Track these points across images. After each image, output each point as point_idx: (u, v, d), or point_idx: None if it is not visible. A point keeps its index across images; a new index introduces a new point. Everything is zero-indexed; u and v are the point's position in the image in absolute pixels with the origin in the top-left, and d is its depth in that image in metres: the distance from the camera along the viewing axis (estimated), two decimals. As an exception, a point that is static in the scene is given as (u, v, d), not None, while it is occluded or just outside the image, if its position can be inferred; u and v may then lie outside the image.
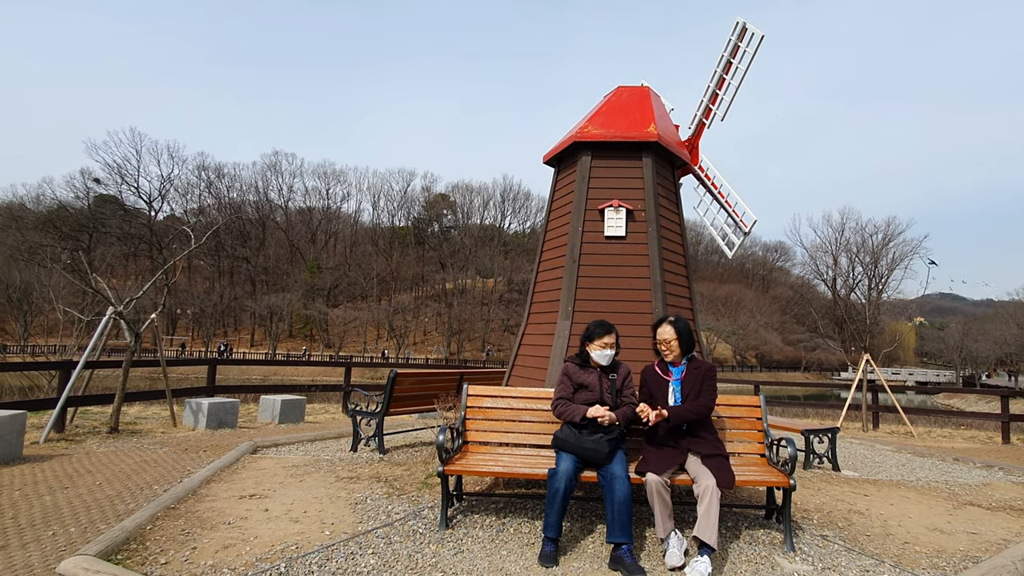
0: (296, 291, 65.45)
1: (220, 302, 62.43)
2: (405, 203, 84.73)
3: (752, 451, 4.16)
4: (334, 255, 77.78)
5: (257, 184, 76.99)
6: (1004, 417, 10.69)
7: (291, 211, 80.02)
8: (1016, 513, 4.80)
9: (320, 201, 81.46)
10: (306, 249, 76.40)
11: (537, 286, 6.72)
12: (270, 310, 61.93)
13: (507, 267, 72.76)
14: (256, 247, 72.67)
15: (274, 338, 62.61)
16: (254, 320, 65.58)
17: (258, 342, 64.61)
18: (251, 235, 74.05)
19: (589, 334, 3.88)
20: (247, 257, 71.15)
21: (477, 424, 4.26)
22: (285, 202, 79.56)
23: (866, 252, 65.76)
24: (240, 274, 71.15)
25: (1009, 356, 66.34)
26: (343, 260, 75.71)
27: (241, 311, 66.84)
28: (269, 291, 66.30)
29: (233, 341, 64.52)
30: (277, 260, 73.58)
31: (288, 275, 71.68)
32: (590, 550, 3.44)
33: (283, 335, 65.99)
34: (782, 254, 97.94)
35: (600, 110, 6.80)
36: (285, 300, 61.99)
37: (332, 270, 73.09)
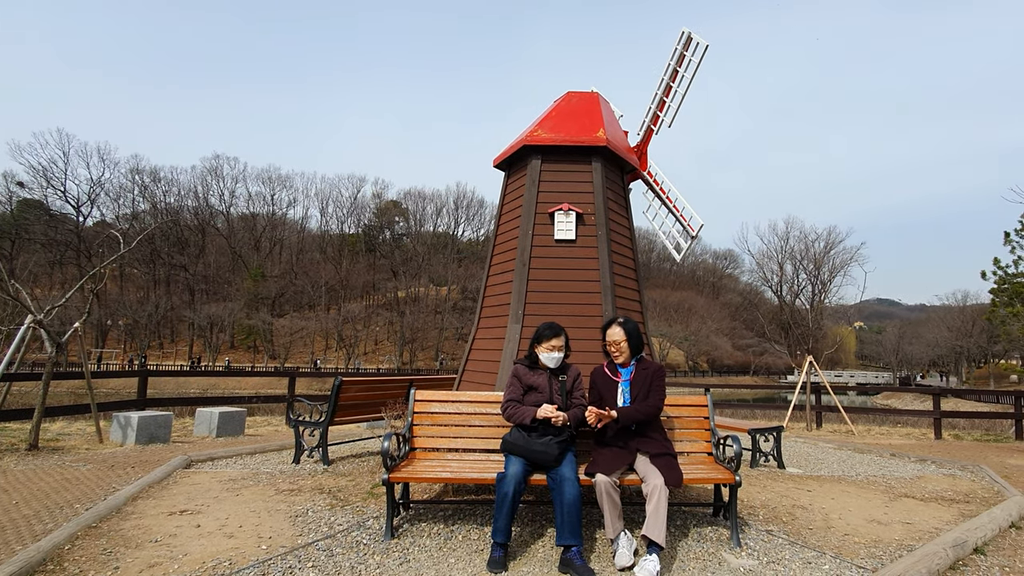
0: (238, 300, 63.09)
1: (155, 312, 59.40)
2: (355, 210, 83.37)
3: (700, 450, 4.26)
4: (279, 263, 75.53)
5: (196, 189, 74.05)
6: (936, 414, 11.41)
7: (233, 217, 77.26)
8: (947, 503, 5.09)
9: (264, 207, 79.12)
10: (249, 257, 73.88)
11: (487, 290, 6.70)
12: (210, 320, 59.40)
13: (461, 275, 72.55)
14: (195, 254, 69.69)
15: (214, 349, 60.07)
16: (192, 331, 62.76)
17: (197, 354, 61.83)
18: (189, 242, 71.00)
19: (538, 336, 3.89)
20: (185, 265, 68.11)
21: (425, 430, 4.19)
22: (227, 208, 76.79)
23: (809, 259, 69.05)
24: (177, 283, 68.02)
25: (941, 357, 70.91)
26: (289, 268, 73.60)
27: (178, 322, 63.87)
28: (209, 300, 63.61)
29: (170, 353, 61.53)
30: (218, 268, 70.77)
31: (230, 284, 69.03)
32: (540, 554, 3.43)
33: (224, 346, 63.42)
34: (731, 262, 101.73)
35: (550, 115, 6.88)
36: (226, 310, 59.63)
37: (277, 278, 70.90)
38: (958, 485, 5.89)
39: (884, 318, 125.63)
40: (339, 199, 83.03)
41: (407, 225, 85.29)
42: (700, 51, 8.67)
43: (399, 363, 61.94)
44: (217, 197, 75.97)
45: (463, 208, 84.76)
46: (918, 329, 77.46)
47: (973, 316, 58.66)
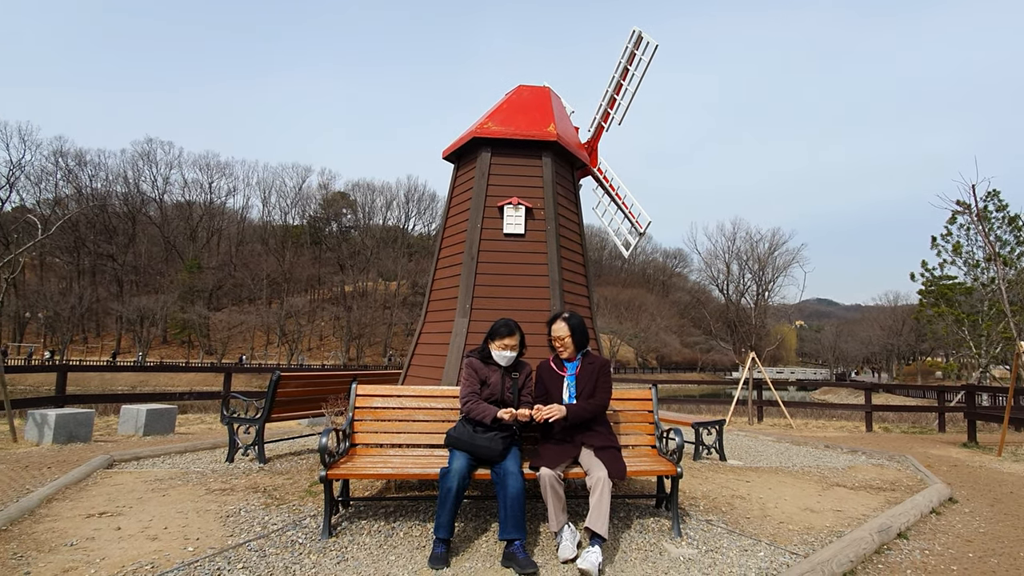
0: (172, 293, 60.21)
1: (79, 304, 55.91)
2: (300, 200, 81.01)
3: (643, 443, 4.36)
4: (217, 254, 72.56)
5: (127, 174, 70.08)
6: (867, 408, 12.11)
7: (167, 205, 73.63)
8: (874, 491, 5.40)
9: (202, 195, 75.80)
10: (184, 247, 70.63)
11: (435, 283, 6.65)
12: (140, 313, 56.40)
13: (411, 269, 71.72)
14: (124, 244, 65.98)
15: (145, 344, 57.10)
16: (120, 325, 59.48)
17: (125, 349, 58.63)
18: (118, 230, 67.15)
19: (492, 332, 3.88)
20: (113, 255, 64.42)
21: (366, 425, 4.11)
22: (160, 195, 73.13)
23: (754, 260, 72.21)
24: (104, 273, 64.32)
25: (874, 355, 75.43)
26: (228, 259, 70.81)
27: (105, 315, 60.45)
28: (139, 292, 60.45)
29: (95, 348, 58.12)
30: (149, 258, 67.34)
31: (163, 275, 65.81)
32: (484, 549, 3.43)
33: (156, 341, 60.45)
34: (681, 261, 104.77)
35: (501, 107, 6.87)
36: (158, 302, 56.77)
37: (215, 270, 68.08)
38: (885, 474, 6.26)
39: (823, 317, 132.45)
40: (283, 189, 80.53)
41: (355, 218, 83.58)
42: (650, 50, 8.89)
43: (345, 359, 60.69)
44: (149, 183, 72.30)
45: (414, 201, 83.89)
46: (854, 328, 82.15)
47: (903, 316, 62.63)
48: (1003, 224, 17.66)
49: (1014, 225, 17.42)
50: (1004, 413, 8.43)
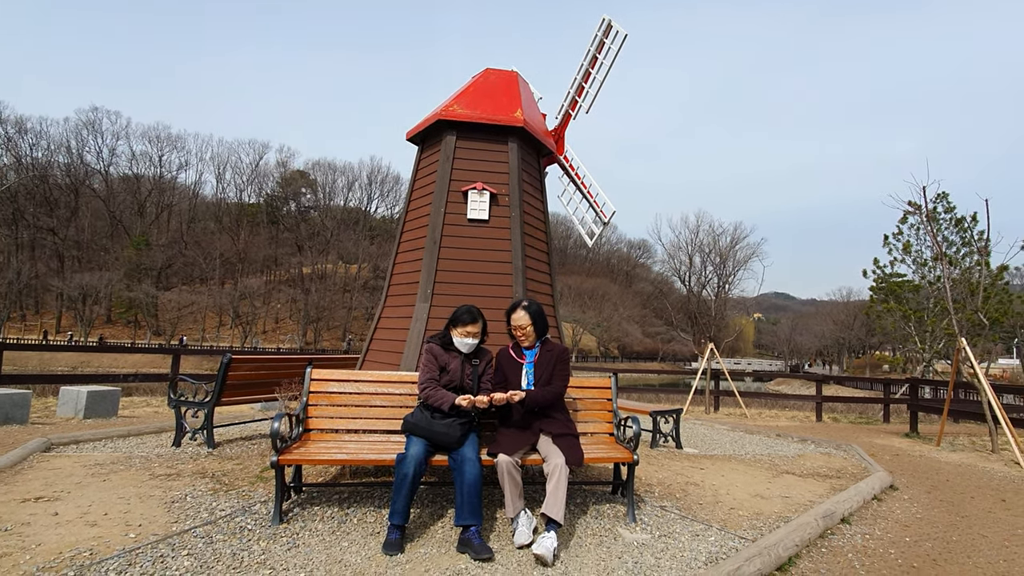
0: (117, 270, 57.78)
1: (16, 280, 53.03)
2: (256, 178, 78.56)
3: (602, 430, 4.43)
4: (167, 231, 69.94)
5: (70, 143, 66.42)
6: (818, 399, 12.63)
7: (113, 178, 70.29)
8: (821, 479, 5.65)
9: (151, 169, 72.60)
10: (131, 222, 67.74)
11: (396, 267, 6.57)
12: (83, 291, 53.95)
13: (373, 253, 70.63)
14: (66, 217, 62.76)
15: (87, 323, 54.73)
16: (61, 302, 56.81)
17: (66, 328, 56.08)
18: (60, 203, 63.77)
19: (455, 319, 3.86)
20: (54, 228, 61.23)
21: (321, 410, 4.05)
22: (105, 167, 69.69)
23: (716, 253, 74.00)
24: (44, 248, 61.12)
25: (826, 348, 78.51)
26: (178, 237, 68.34)
27: (44, 291, 57.60)
28: (82, 269, 57.72)
29: (33, 326, 55.38)
30: (93, 233, 64.28)
31: (107, 251, 63.02)
32: (439, 535, 3.44)
33: (99, 320, 58.02)
34: (645, 251, 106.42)
35: (467, 90, 6.79)
36: (102, 280, 54.40)
37: (164, 248, 65.60)
38: (832, 462, 6.55)
39: (780, 310, 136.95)
40: (238, 165, 77.96)
41: (315, 197, 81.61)
42: (619, 39, 8.94)
43: (302, 343, 59.59)
44: (94, 154, 68.75)
45: (377, 183, 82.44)
46: (808, 321, 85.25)
47: (855, 311, 65.22)
48: (950, 225, 18.54)
49: (960, 227, 18.30)
50: (943, 406, 8.91)
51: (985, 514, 4.81)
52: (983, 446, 8.52)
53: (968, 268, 17.46)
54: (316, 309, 62.15)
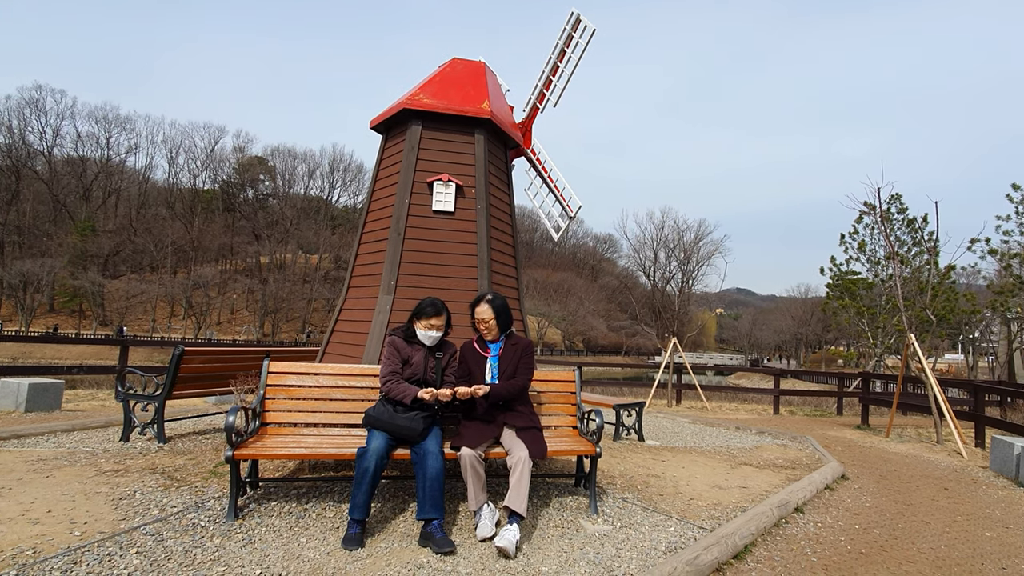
0: (61, 257, 55.23)
1: (-54, 267, 50.22)
2: (212, 163, 76.05)
3: (565, 423, 4.49)
4: (115, 217, 67.14)
5: (11, 123, 62.82)
6: (776, 392, 13.05)
7: (57, 160, 66.97)
8: (777, 469, 5.85)
9: (98, 151, 69.37)
10: (76, 207, 64.79)
11: (358, 259, 6.49)
12: (23, 278, 51.36)
13: (335, 243, 69.45)
14: (6, 200, 59.50)
15: (29, 312, 52.19)
16: (0, 290, 53.97)
17: (6, 317, 53.36)
18: (0, 185, 60.45)
19: (419, 311, 3.84)
20: (-10, 212, 58.05)
21: (279, 404, 3.99)
22: (49, 148, 66.26)
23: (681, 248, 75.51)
24: (-20, 232, 57.92)
25: (785, 343, 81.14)
26: (127, 223, 65.69)
27: (-21, 279, 54.63)
28: (23, 255, 54.95)
29: (-37, 318, 52.51)
30: (35, 218, 61.21)
31: (50, 237, 60.12)
32: (400, 529, 3.44)
33: (41, 309, 55.45)
34: (611, 246, 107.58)
35: (433, 79, 6.74)
36: (45, 267, 51.93)
37: (112, 234, 62.98)
38: (788, 454, 6.80)
39: (741, 306, 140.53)
40: (192, 149, 75.42)
41: (274, 185, 79.56)
42: (588, 34, 9.01)
43: (259, 335, 58.26)
44: (37, 135, 65.22)
45: (339, 172, 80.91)
46: (768, 317, 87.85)
47: (812, 307, 67.59)
48: (902, 225, 19.34)
49: (912, 227, 19.12)
50: (893, 399, 9.33)
51: (929, 502, 5.08)
52: (929, 437, 8.97)
53: (918, 267, 18.29)
54: (274, 300, 60.77)
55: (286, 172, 78.66)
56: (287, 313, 63.22)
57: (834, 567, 3.40)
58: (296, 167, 78.76)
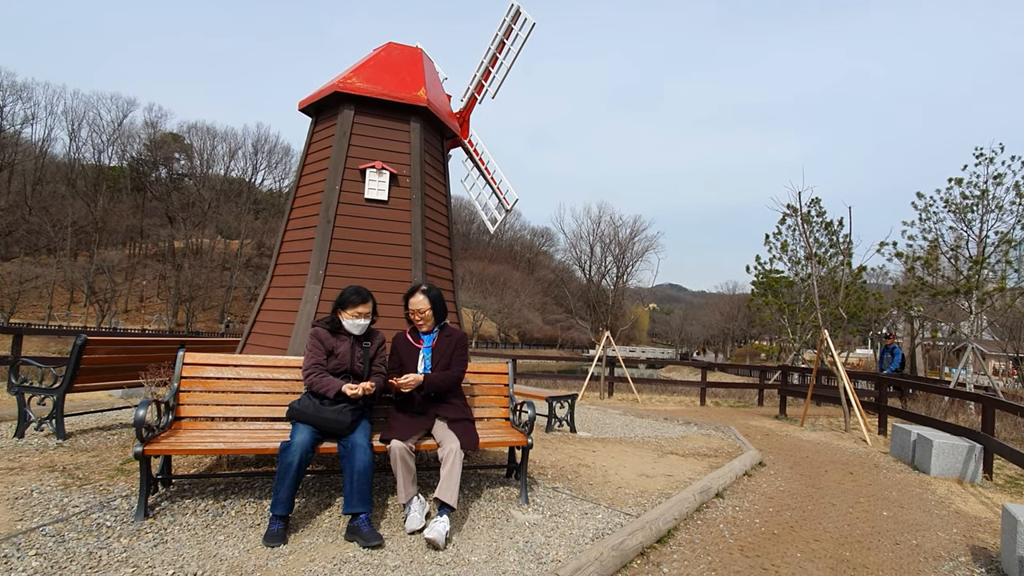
0: (-62, 236, 50.07)
1: None
2: (120, 138, 70.85)
3: (498, 415, 4.57)
4: (8, 193, 61.43)
5: None
6: (703, 384, 13.73)
7: (-64, 127, 60.52)
8: (701, 458, 6.18)
9: (-12, 120, 63.16)
10: (-42, 180, 58.85)
11: (284, 246, 6.31)
12: None
13: (258, 228, 66.56)
14: None
15: None
16: None
17: None
18: None
19: (343, 301, 3.78)
20: None
21: (195, 397, 3.83)
22: (-73, 114, 59.77)
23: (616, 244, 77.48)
24: None
25: (713, 337, 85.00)
26: (20, 200, 60.31)
27: None
28: None
29: None
30: (-94, 191, 55.14)
31: (-75, 213, 54.37)
32: (326, 524, 3.40)
33: (-87, 296, 50.10)
34: (548, 239, 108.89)
35: (367, 63, 6.61)
36: (-83, 248, 46.97)
37: (3, 212, 57.63)
38: (711, 443, 7.18)
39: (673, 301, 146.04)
40: (97, 123, 69.88)
41: (190, 164, 75.22)
42: (527, 27, 9.09)
43: (172, 324, 55.13)
44: (-88, 99, 58.69)
45: (264, 153, 77.37)
46: (698, 312, 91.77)
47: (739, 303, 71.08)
48: (821, 228, 20.73)
49: (829, 230, 20.52)
50: (808, 390, 10.03)
51: (836, 485, 5.52)
52: (839, 426, 9.71)
53: (834, 267, 19.67)
54: (189, 287, 57.61)
55: (204, 151, 74.51)
56: (204, 302, 60.11)
57: (749, 548, 3.66)
58: (216, 146, 74.74)
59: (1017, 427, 9.12)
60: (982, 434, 6.34)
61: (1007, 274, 15.53)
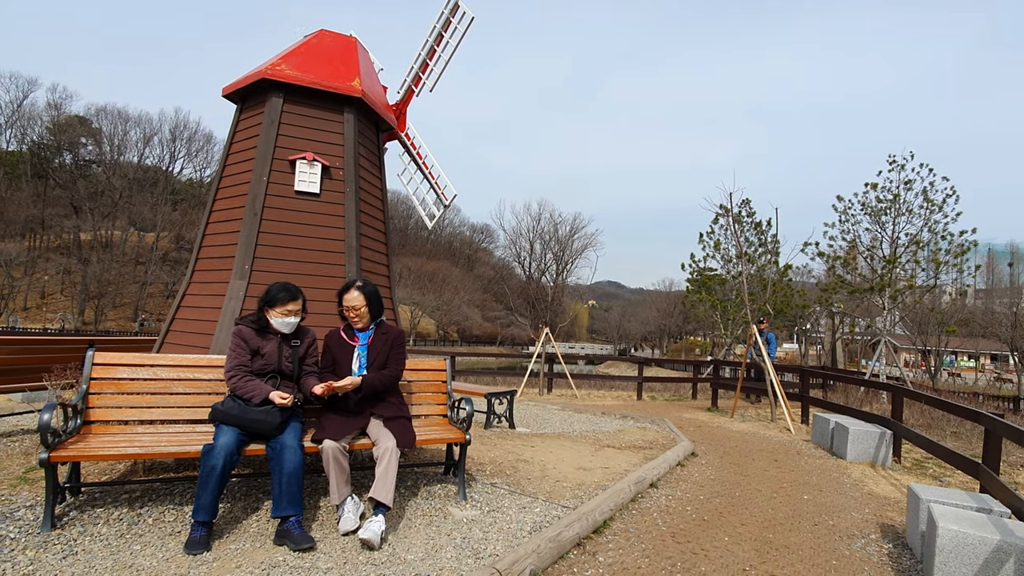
0: None
1: None
2: (19, 120, 65.58)
3: (435, 412, 4.57)
4: None
5: None
6: (640, 379, 14.17)
7: None
8: (637, 450, 6.40)
9: None
10: None
11: (207, 239, 6.07)
12: None
13: (177, 220, 63.27)
14: None
15: None
16: None
17: None
18: None
19: (270, 298, 3.67)
20: None
21: (107, 399, 3.64)
22: None
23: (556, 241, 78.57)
24: None
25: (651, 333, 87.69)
26: (-103, 186, 54.81)
27: None
28: None
29: None
30: None
31: None
32: (253, 529, 3.32)
33: None
34: (487, 236, 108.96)
35: (298, 50, 6.45)
36: None
37: None
38: (647, 435, 7.44)
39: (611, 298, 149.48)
40: (-8, 102, 64.43)
41: (99, 150, 70.48)
42: (466, 21, 9.10)
43: (78, 322, 51.61)
44: None
45: (183, 141, 73.46)
46: (636, 309, 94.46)
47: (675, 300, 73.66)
48: (751, 228, 21.78)
49: (758, 230, 21.60)
50: (737, 383, 10.55)
51: (761, 472, 5.86)
52: (766, 416, 10.26)
53: (762, 266, 20.73)
54: (98, 283, 54.04)
55: (115, 137, 69.92)
56: (115, 299, 56.55)
57: (681, 534, 3.84)
58: (128, 131, 70.28)
59: (923, 414, 9.93)
60: (892, 421, 6.88)
61: (916, 273, 16.82)
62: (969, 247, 15.76)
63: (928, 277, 16.97)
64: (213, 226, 6.05)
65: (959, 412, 5.56)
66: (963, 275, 16.77)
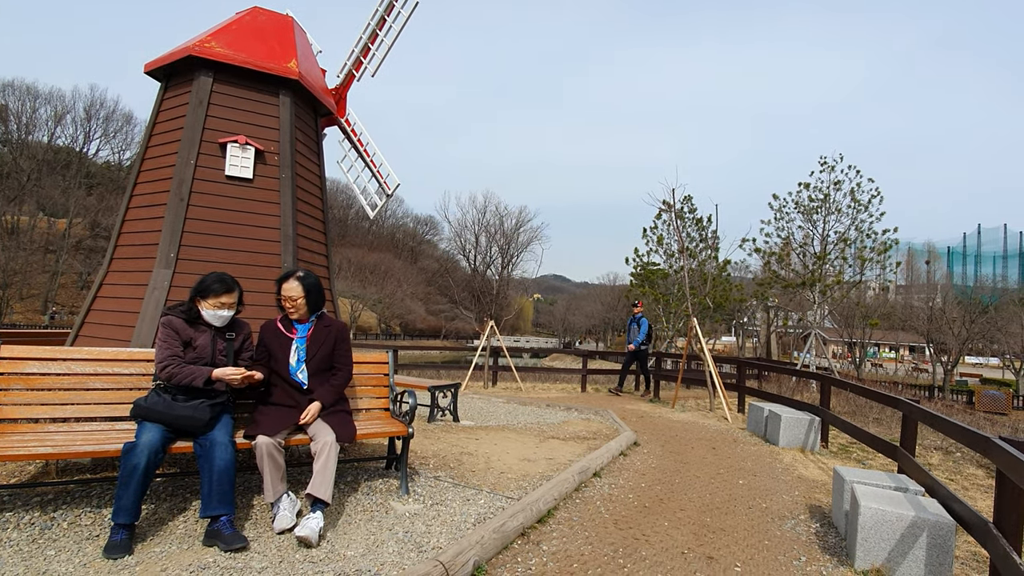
0: None
1: None
2: (-90, 92, 60.10)
3: (377, 406, 4.51)
4: None
5: None
6: (584, 372, 14.42)
7: None
8: (580, 441, 6.50)
9: None
10: None
11: (127, 225, 5.76)
12: None
13: (92, 206, 59.47)
14: None
15: None
16: None
17: None
18: None
19: (204, 289, 3.51)
20: None
21: (14, 396, 3.40)
22: None
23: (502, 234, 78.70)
24: None
25: (595, 326, 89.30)
26: None
27: None
28: None
29: None
30: None
31: None
32: (180, 530, 3.18)
33: None
34: (432, 228, 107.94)
35: (229, 27, 6.18)
36: None
37: None
38: (591, 426, 7.58)
39: (557, 292, 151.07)
40: None
41: (5, 129, 65.51)
42: (411, 6, 8.94)
43: (-18, 319, 47.95)
44: None
45: (99, 120, 69.01)
46: (581, 303, 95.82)
47: (619, 294, 75.21)
48: (692, 224, 22.47)
49: (700, 226, 22.31)
50: (678, 375, 10.89)
51: (700, 460, 6.08)
52: (705, 406, 10.64)
53: (703, 261, 21.44)
54: (3, 273, 50.35)
55: (23, 114, 65.05)
56: (21, 289, 52.80)
57: (623, 521, 3.94)
58: (38, 109, 65.53)
59: (849, 401, 10.56)
60: (820, 409, 7.29)
61: (843, 269, 17.81)
62: (891, 245, 16.83)
63: (854, 273, 18.01)
64: (134, 211, 5.74)
65: (880, 399, 5.95)
66: (885, 271, 17.90)
